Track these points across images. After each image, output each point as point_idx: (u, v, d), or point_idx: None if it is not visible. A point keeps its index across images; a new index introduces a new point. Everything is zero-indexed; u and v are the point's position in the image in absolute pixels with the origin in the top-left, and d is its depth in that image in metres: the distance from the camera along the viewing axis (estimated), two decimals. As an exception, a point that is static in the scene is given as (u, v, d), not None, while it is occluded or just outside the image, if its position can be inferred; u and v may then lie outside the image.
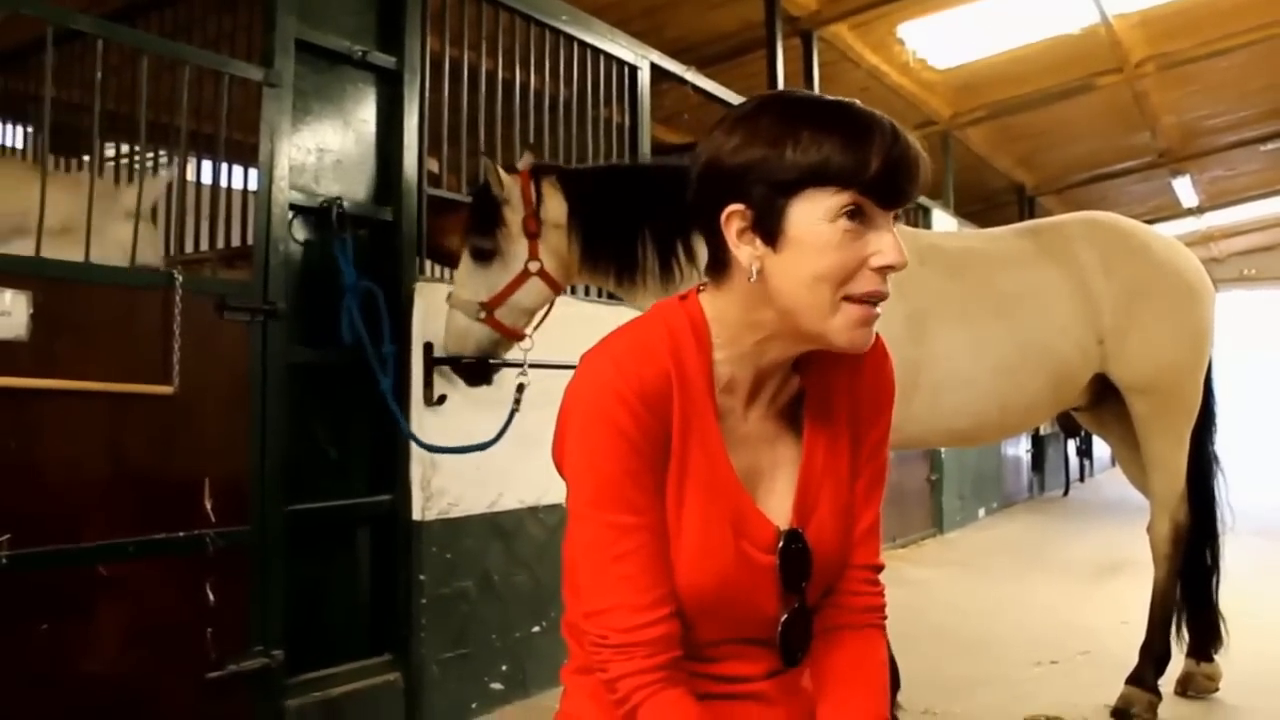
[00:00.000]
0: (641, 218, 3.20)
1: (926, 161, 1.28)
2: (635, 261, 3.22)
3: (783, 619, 1.38)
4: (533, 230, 3.21)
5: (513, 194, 3.22)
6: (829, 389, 1.44)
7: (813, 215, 1.24)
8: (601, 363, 1.32)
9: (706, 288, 1.39)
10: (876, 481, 1.49)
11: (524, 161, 3.31)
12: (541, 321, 3.39)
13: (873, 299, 1.27)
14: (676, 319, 1.36)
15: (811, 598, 1.42)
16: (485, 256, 3.25)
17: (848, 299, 1.26)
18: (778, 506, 1.40)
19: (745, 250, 1.29)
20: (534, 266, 3.22)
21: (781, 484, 1.41)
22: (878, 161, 1.22)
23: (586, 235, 3.23)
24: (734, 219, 1.28)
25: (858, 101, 1.28)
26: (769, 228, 1.27)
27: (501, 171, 3.25)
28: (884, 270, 1.26)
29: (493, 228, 3.24)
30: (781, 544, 1.37)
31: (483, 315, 3.26)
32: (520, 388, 3.50)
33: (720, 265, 1.35)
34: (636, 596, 1.30)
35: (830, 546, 1.42)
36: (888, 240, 1.26)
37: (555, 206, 3.24)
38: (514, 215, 3.22)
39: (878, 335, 1.47)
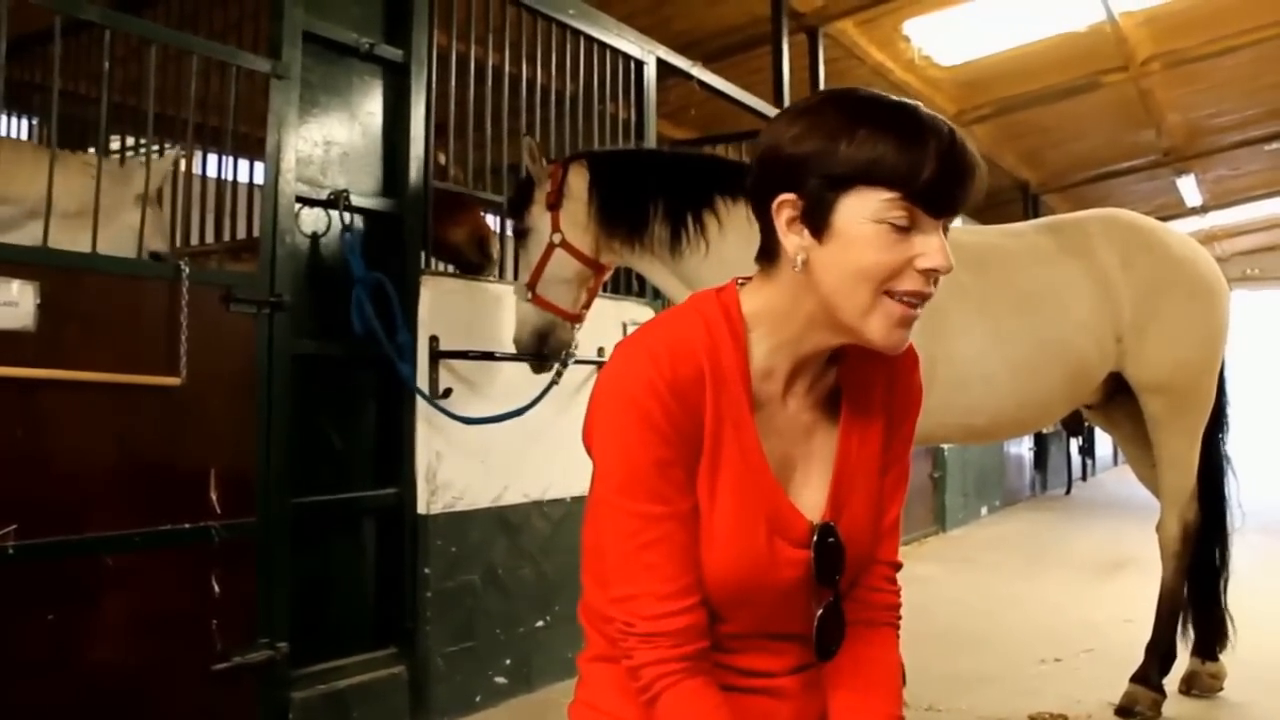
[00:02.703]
0: (652, 185, 3.36)
1: (983, 171, 1.29)
2: (644, 223, 3.34)
3: (818, 613, 1.38)
4: (553, 202, 3.39)
5: (542, 174, 3.44)
6: (866, 383, 1.45)
7: (861, 213, 1.25)
8: (636, 353, 1.32)
9: (754, 275, 1.40)
10: (901, 480, 1.50)
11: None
12: (589, 302, 3.51)
13: (915, 299, 1.27)
14: (711, 311, 1.37)
15: (842, 590, 1.42)
16: (522, 236, 3.49)
17: (889, 295, 1.26)
18: (811, 498, 1.40)
19: (793, 240, 1.30)
20: (556, 238, 3.38)
21: (816, 476, 1.41)
22: (931, 168, 1.22)
23: (601, 200, 3.37)
24: (785, 208, 1.30)
25: (921, 105, 1.28)
26: (817, 220, 1.28)
27: (539, 154, 3.48)
28: (929, 273, 1.26)
29: (523, 208, 3.48)
30: (816, 538, 1.37)
31: (529, 296, 3.43)
32: (564, 360, 3.61)
33: (769, 253, 1.36)
34: (662, 585, 1.30)
35: (862, 540, 1.43)
36: (934, 243, 1.26)
37: (578, 181, 3.41)
38: (540, 193, 3.43)
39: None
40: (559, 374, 3.69)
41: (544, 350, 3.50)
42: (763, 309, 1.36)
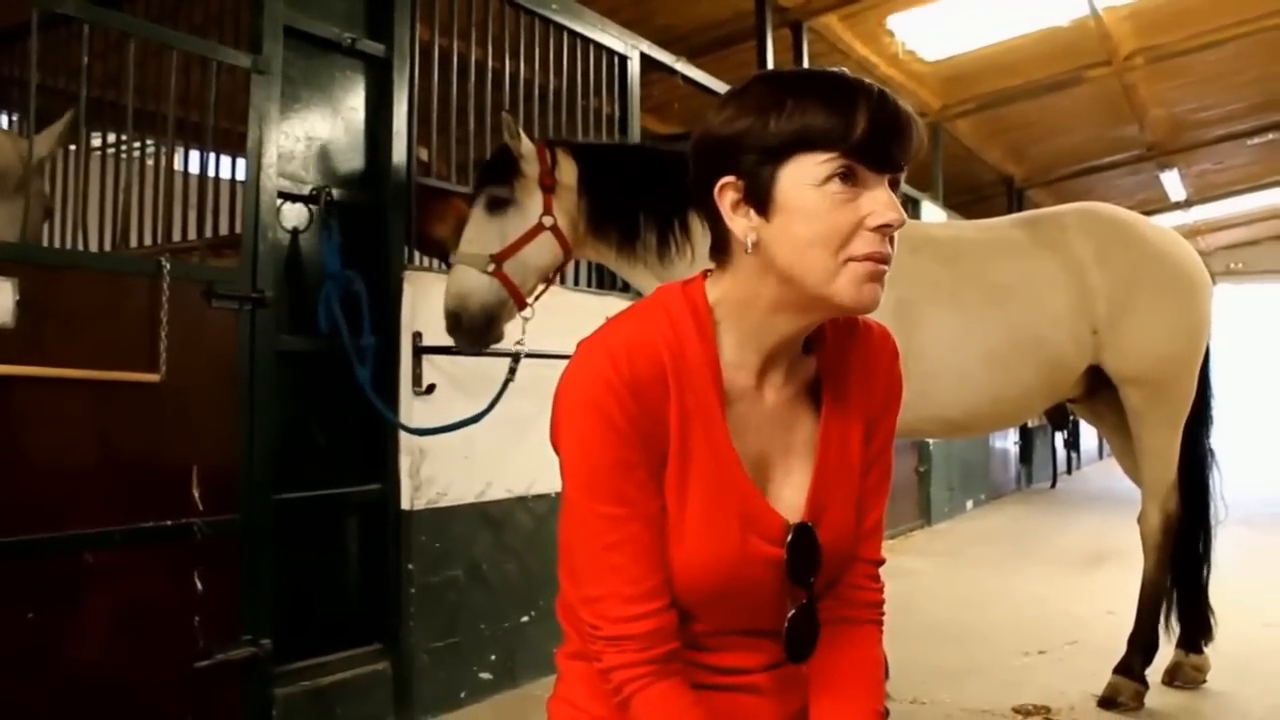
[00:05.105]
0: (644, 192, 3.27)
1: (918, 124, 1.26)
2: (637, 232, 3.27)
3: (790, 615, 1.36)
4: (548, 184, 3.26)
5: (529, 151, 3.27)
6: (845, 375, 1.42)
7: (801, 181, 1.22)
8: (596, 352, 1.29)
9: (711, 271, 1.38)
10: (885, 478, 1.48)
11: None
12: (542, 293, 3.39)
13: (874, 259, 1.23)
14: (677, 306, 1.34)
15: (817, 591, 1.40)
16: (500, 205, 3.27)
17: (850, 261, 1.23)
18: (791, 496, 1.38)
19: (740, 222, 1.27)
20: (548, 221, 3.26)
21: (796, 473, 1.39)
22: (863, 123, 1.20)
23: (594, 199, 3.29)
24: (727, 191, 1.28)
25: (846, 70, 1.27)
26: (760, 197, 1.25)
27: (521, 131, 3.30)
28: (881, 230, 1.23)
29: (510, 177, 3.27)
30: (790, 537, 1.34)
31: (491, 268, 3.24)
32: (516, 357, 3.50)
33: (721, 244, 1.34)
34: (627, 588, 1.29)
35: (842, 539, 1.41)
36: (882, 199, 1.23)
37: (568, 169, 3.30)
38: (531, 169, 3.27)
39: (888, 333, 1.47)
40: (512, 373, 3.57)
41: (487, 334, 3.31)
42: (724, 299, 1.34)
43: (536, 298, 3.36)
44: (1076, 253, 3.67)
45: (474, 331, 3.29)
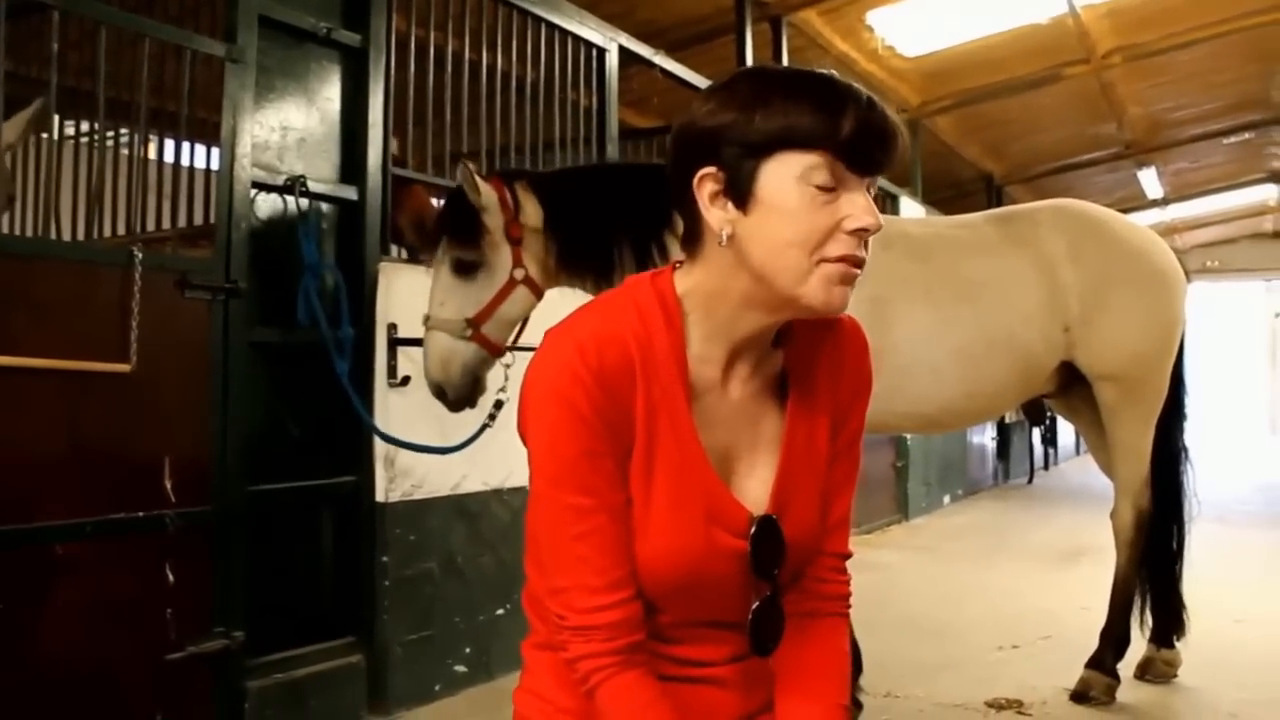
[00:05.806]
0: (616, 220, 3.14)
1: (903, 132, 1.26)
2: (612, 265, 3.14)
3: (754, 607, 1.36)
4: (516, 236, 3.11)
5: (490, 200, 3.11)
6: (813, 369, 1.42)
7: (783, 178, 1.22)
8: (563, 343, 1.29)
9: (682, 262, 1.37)
10: (852, 471, 1.48)
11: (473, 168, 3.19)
12: (520, 335, 3.27)
13: (847, 262, 1.24)
14: (645, 297, 1.33)
15: (782, 584, 1.40)
16: (469, 269, 3.12)
17: (824, 262, 1.23)
18: (755, 489, 1.38)
19: (717, 214, 1.27)
20: (519, 274, 3.12)
21: (761, 466, 1.39)
22: (849, 124, 1.20)
23: (564, 239, 3.15)
24: (706, 181, 1.27)
25: (835, 72, 1.27)
26: (740, 190, 1.25)
27: (479, 178, 3.12)
28: (858, 233, 1.23)
29: (476, 237, 3.10)
30: (754, 530, 1.34)
31: (469, 333, 3.12)
32: (498, 404, 3.39)
33: (694, 236, 1.33)
34: (593, 578, 1.29)
35: (806, 533, 1.40)
36: (861, 203, 1.23)
37: (532, 211, 3.15)
38: (495, 221, 3.11)
39: (858, 325, 1.47)
40: (492, 417, 3.47)
41: (474, 395, 3.22)
42: (694, 292, 1.33)
43: (514, 343, 3.25)
44: (1048, 250, 3.68)
45: (461, 398, 3.22)
